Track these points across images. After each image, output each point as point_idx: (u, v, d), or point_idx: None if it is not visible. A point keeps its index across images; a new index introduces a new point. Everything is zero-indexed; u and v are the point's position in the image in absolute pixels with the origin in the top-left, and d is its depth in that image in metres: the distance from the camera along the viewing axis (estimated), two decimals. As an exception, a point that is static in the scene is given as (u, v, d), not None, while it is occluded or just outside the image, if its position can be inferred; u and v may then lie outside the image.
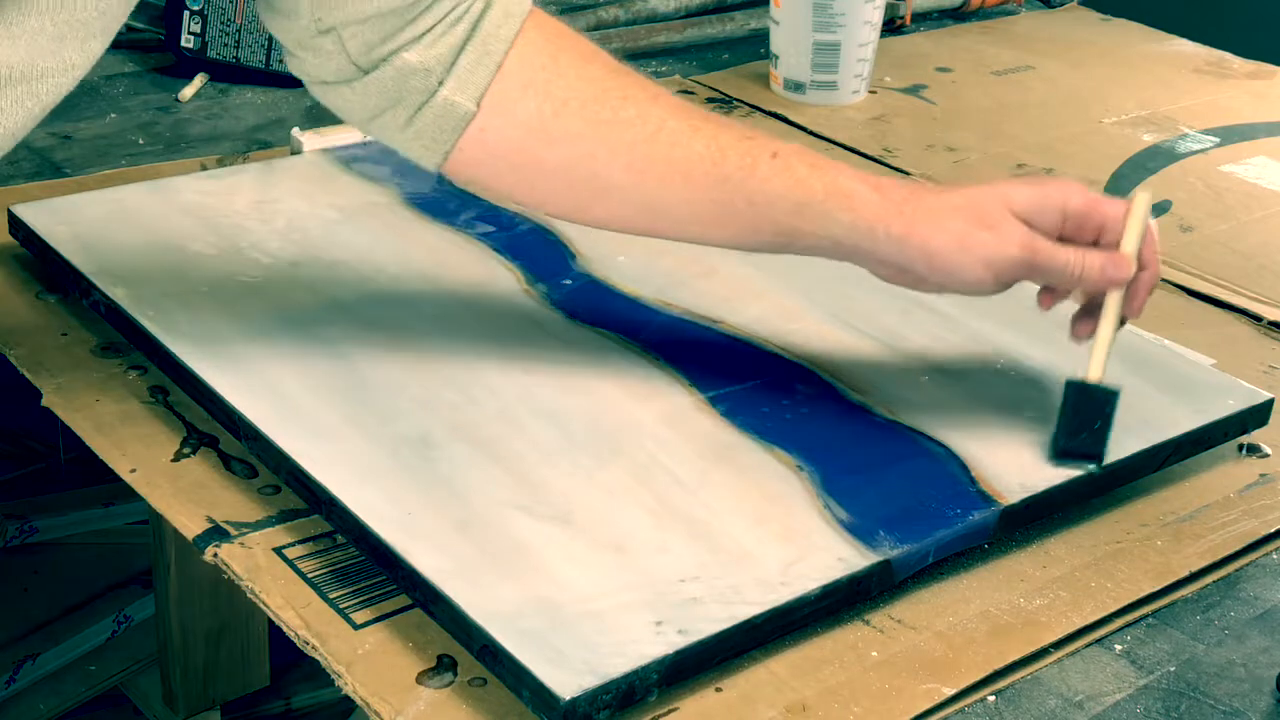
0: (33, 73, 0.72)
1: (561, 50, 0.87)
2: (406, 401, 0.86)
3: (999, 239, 0.83)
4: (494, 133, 0.85)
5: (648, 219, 0.88)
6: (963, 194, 0.85)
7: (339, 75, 0.85)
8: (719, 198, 0.85)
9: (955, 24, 1.77)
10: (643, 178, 0.85)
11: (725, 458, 0.84)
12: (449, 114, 0.85)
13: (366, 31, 0.83)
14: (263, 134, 1.29)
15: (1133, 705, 0.74)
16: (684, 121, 0.86)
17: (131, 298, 0.94)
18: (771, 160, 0.85)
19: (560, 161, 0.86)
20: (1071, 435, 0.85)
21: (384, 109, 0.86)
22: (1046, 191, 0.85)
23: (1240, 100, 1.56)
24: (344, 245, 1.03)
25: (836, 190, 0.84)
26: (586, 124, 0.85)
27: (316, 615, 0.74)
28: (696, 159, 0.85)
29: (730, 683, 0.72)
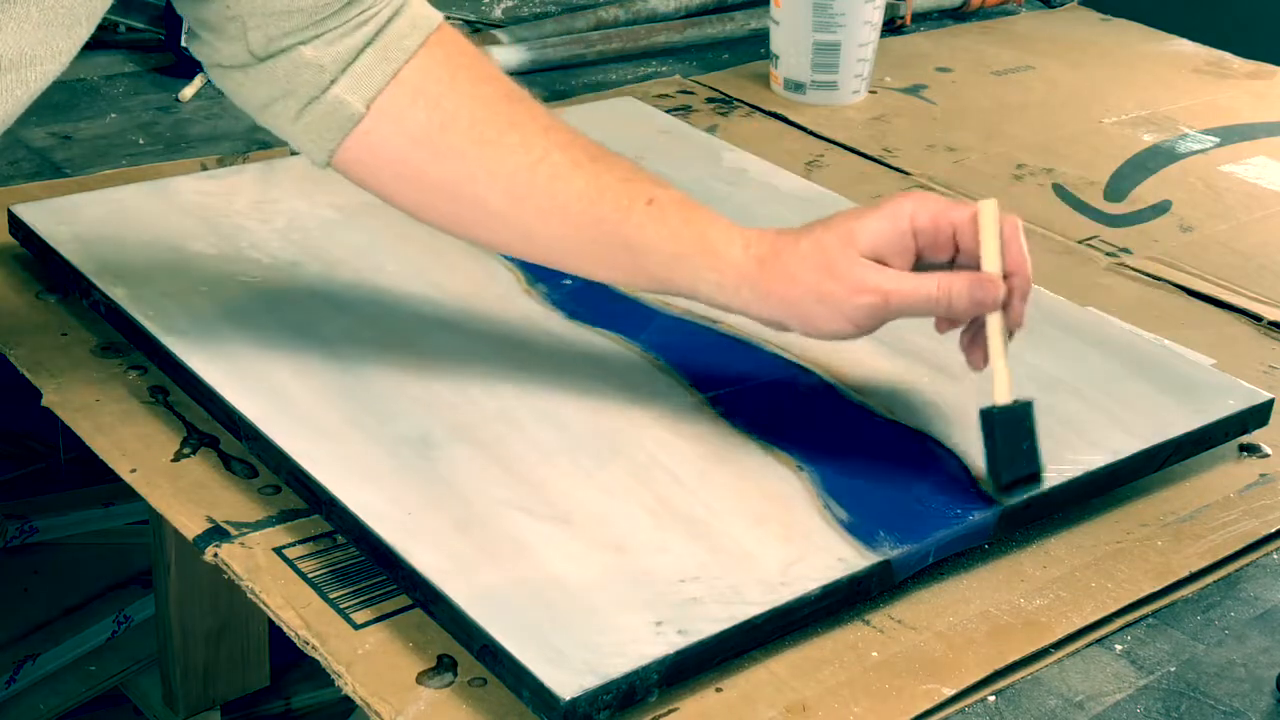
0: (21, 60, 0.72)
1: (460, 68, 0.87)
2: (406, 401, 0.86)
3: (848, 288, 0.80)
4: (380, 138, 0.86)
5: (528, 247, 0.88)
6: (811, 239, 0.82)
7: (234, 60, 0.86)
8: (595, 237, 0.85)
9: (955, 24, 1.77)
10: (521, 207, 0.85)
11: (725, 458, 0.84)
12: (337, 112, 0.85)
13: (271, 25, 0.84)
14: (263, 134, 1.29)
15: (1133, 705, 0.74)
16: (567, 155, 0.85)
17: (131, 298, 0.94)
18: (647, 207, 0.84)
19: (442, 178, 0.86)
20: (1006, 464, 0.82)
21: (275, 99, 0.86)
22: (892, 215, 0.81)
23: (1240, 100, 1.56)
24: (344, 245, 1.03)
25: (704, 248, 0.83)
26: (470, 144, 0.85)
27: (316, 615, 0.74)
28: (575, 195, 0.84)
29: (730, 683, 0.72)
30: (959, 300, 0.80)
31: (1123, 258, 1.19)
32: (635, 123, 1.30)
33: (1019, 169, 1.35)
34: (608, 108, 1.34)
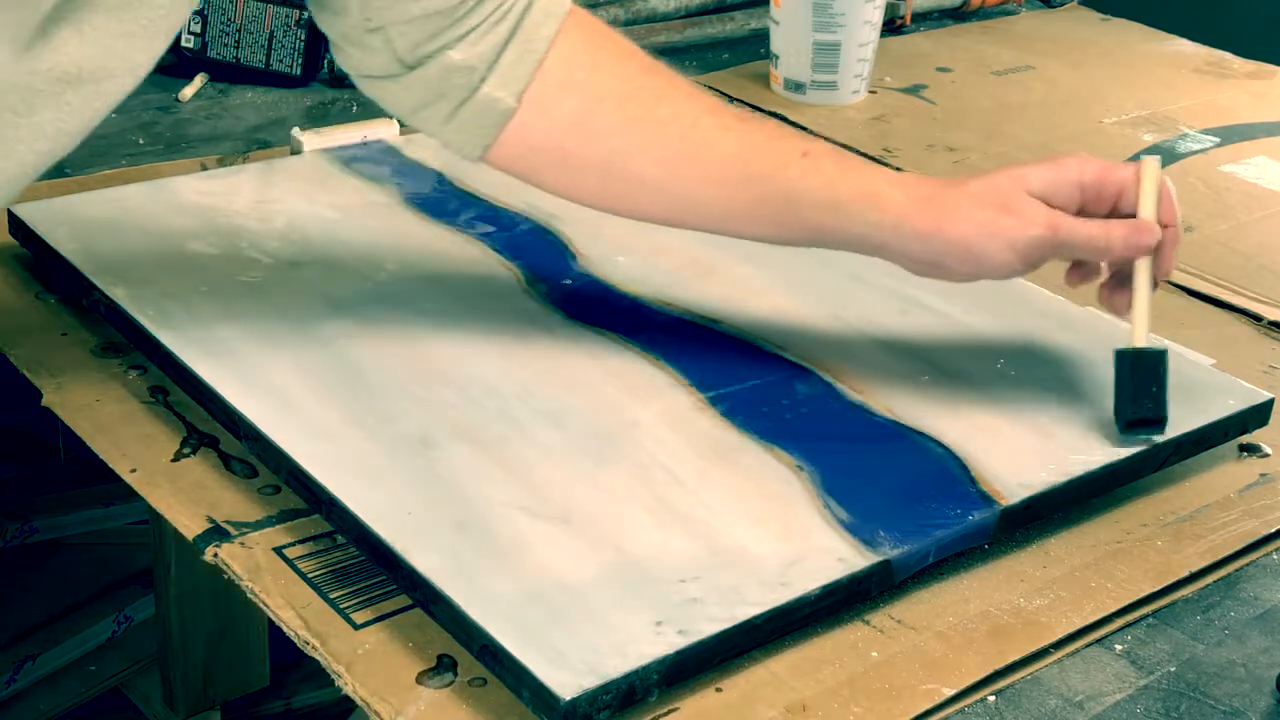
0: (99, 73, 0.73)
1: (600, 49, 0.89)
2: (406, 401, 0.86)
3: (1021, 222, 0.85)
4: (533, 128, 0.88)
5: (681, 213, 0.90)
6: (981, 182, 0.87)
7: (384, 71, 0.87)
8: (750, 195, 0.88)
9: (955, 24, 1.77)
10: (675, 174, 0.88)
11: (725, 458, 0.84)
12: (490, 109, 0.87)
13: (413, 31, 0.85)
14: (263, 134, 1.29)
15: (1133, 705, 0.74)
16: (717, 119, 0.88)
17: (131, 298, 0.94)
18: (802, 160, 0.87)
19: (596, 157, 0.88)
20: (1134, 403, 0.87)
21: (427, 103, 0.88)
22: (1062, 168, 0.87)
23: (1240, 100, 1.56)
24: (344, 245, 1.03)
25: (864, 191, 0.87)
26: (622, 122, 0.88)
27: (316, 615, 0.74)
28: (729, 158, 0.87)
29: (730, 683, 0.72)
30: (1117, 242, 0.87)
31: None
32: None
33: (1019, 169, 1.35)
34: (608, 108, 1.34)
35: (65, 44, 0.70)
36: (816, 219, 0.88)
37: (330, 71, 1.42)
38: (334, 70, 1.42)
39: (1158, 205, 0.88)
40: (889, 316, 1.00)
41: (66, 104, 0.72)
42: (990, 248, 0.86)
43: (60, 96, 0.72)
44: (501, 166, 0.91)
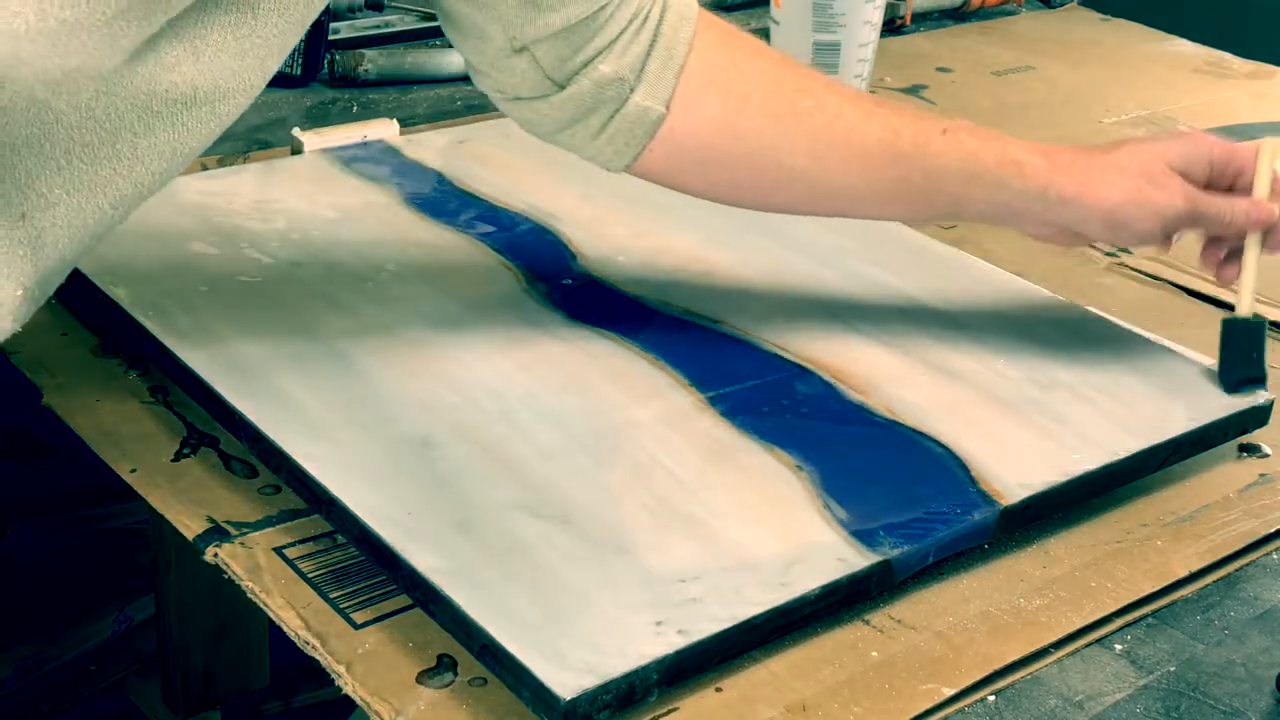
0: (215, 94, 0.72)
1: (735, 48, 0.91)
2: (406, 401, 0.86)
3: (1167, 194, 0.91)
4: (682, 132, 0.89)
5: (828, 201, 0.93)
6: (1125, 152, 0.92)
7: (535, 91, 0.87)
8: (895, 175, 0.91)
9: (955, 24, 1.77)
10: (824, 164, 0.90)
11: (725, 458, 0.84)
12: (642, 119, 0.88)
13: (557, 47, 0.85)
14: (263, 134, 1.29)
15: (1133, 705, 0.74)
16: (857, 107, 0.91)
17: (131, 298, 0.94)
18: (942, 136, 0.91)
19: (745, 154, 0.90)
20: (1240, 366, 0.94)
21: (579, 118, 0.88)
22: (1195, 144, 0.93)
23: (1240, 100, 1.56)
24: (344, 245, 1.03)
25: (1006, 159, 0.91)
26: (768, 118, 0.90)
27: (316, 615, 0.74)
28: (874, 142, 0.90)
29: (730, 683, 0.72)
30: (1239, 217, 0.93)
31: (1123, 258, 1.19)
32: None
33: (1019, 169, 1.35)
34: (608, 108, 1.34)
35: (180, 63, 0.70)
36: (959, 190, 0.91)
37: (330, 71, 1.42)
38: (334, 70, 1.42)
39: (1271, 186, 0.93)
40: (889, 316, 1.00)
41: (183, 125, 0.72)
42: (1137, 216, 0.91)
43: (177, 118, 0.71)
44: (648, 173, 0.92)
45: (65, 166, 0.69)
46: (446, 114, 1.36)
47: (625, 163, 0.90)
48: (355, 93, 1.40)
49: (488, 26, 0.85)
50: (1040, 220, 0.93)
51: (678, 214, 1.12)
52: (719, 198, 0.95)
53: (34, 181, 0.68)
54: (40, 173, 0.68)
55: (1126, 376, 0.95)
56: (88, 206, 0.70)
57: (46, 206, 0.69)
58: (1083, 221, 0.92)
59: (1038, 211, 0.92)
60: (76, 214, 0.70)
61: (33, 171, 0.68)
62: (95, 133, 0.69)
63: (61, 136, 0.68)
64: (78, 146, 0.69)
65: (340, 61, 1.41)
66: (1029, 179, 0.91)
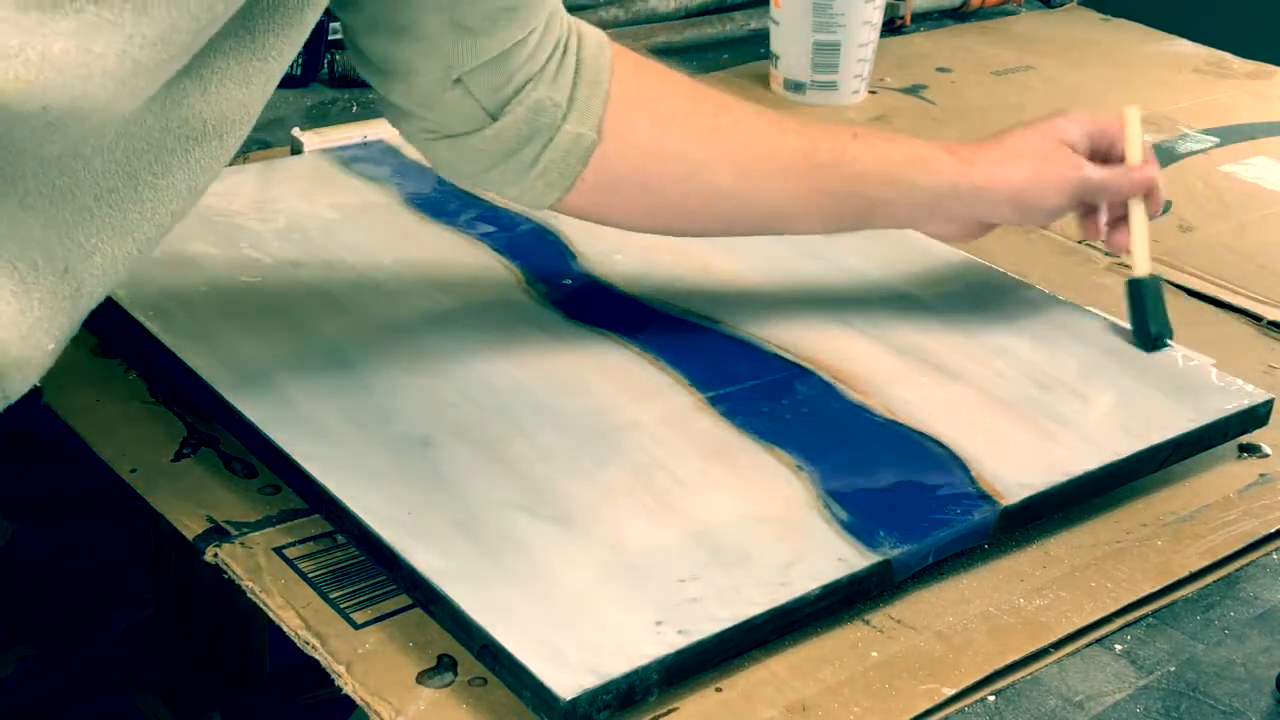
0: (223, 125, 0.71)
1: (650, 72, 0.92)
2: (406, 401, 0.86)
3: (1066, 168, 0.96)
4: (614, 157, 0.88)
5: (755, 218, 0.94)
6: (1019, 136, 0.96)
7: (470, 124, 0.86)
8: (816, 185, 0.93)
9: (955, 24, 1.77)
10: (749, 179, 0.92)
11: (725, 458, 0.84)
12: (575, 146, 0.87)
13: (491, 74, 0.84)
14: (263, 134, 1.29)
15: (1133, 705, 0.74)
16: (772, 122, 0.93)
17: (131, 298, 0.94)
18: (855, 142, 0.93)
19: (675, 176, 0.91)
20: (1150, 323, 0.99)
21: (511, 152, 0.87)
22: (1077, 120, 0.98)
23: (1240, 100, 1.56)
24: (344, 245, 1.03)
25: (915, 158, 0.94)
26: (693, 137, 0.91)
27: (316, 615, 0.74)
28: (793, 152, 0.92)
29: (730, 683, 0.72)
30: (1125, 182, 0.98)
31: (1123, 258, 1.19)
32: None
33: (1019, 169, 1.35)
34: (608, 108, 1.34)
35: (188, 95, 0.69)
36: (876, 194, 0.93)
37: (330, 72, 1.42)
38: (334, 70, 1.42)
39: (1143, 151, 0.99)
40: (889, 316, 1.00)
41: (196, 161, 0.71)
42: (1042, 193, 0.95)
43: (190, 154, 0.70)
44: (578, 206, 0.90)
45: (97, 214, 0.67)
46: (446, 114, 1.36)
47: (557, 195, 0.89)
48: (355, 93, 1.40)
49: (419, 62, 0.83)
50: (950, 215, 0.96)
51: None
52: (650, 226, 0.94)
53: (73, 232, 0.67)
54: (77, 223, 0.67)
55: (1126, 377, 0.95)
56: (119, 252, 0.69)
57: (85, 256, 0.68)
58: (992, 207, 0.96)
59: (949, 205, 0.95)
60: (110, 261, 0.69)
61: (70, 222, 0.66)
62: (119, 176, 0.68)
63: (90, 184, 0.67)
64: (105, 192, 0.67)
65: (340, 61, 1.41)
66: (939, 174, 0.94)
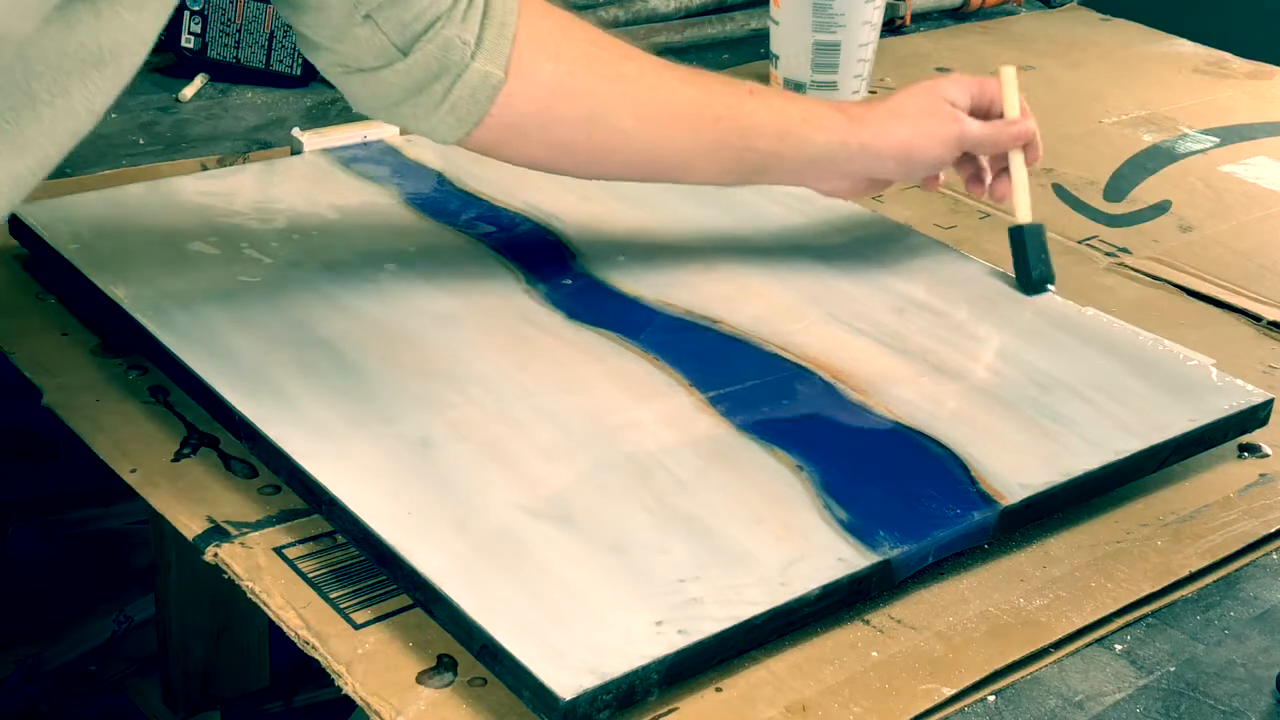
0: (120, 50, 0.74)
1: (556, 18, 0.95)
2: (406, 401, 0.86)
3: (948, 124, 1.03)
4: (520, 97, 0.92)
5: (656, 165, 0.99)
6: (905, 95, 1.03)
7: (380, 59, 0.89)
8: (713, 136, 0.98)
9: (955, 24, 1.77)
10: (650, 126, 0.96)
11: (725, 458, 0.84)
12: (483, 84, 0.91)
13: (399, 10, 0.87)
14: (263, 134, 1.29)
15: (1133, 705, 0.74)
16: (673, 73, 0.98)
17: (131, 298, 0.94)
18: (750, 97, 0.99)
19: (579, 118, 0.94)
20: (1033, 268, 1.05)
21: (422, 88, 0.90)
22: (959, 81, 1.05)
23: (1240, 100, 1.56)
24: (344, 245, 1.03)
25: (809, 115, 1.00)
26: (597, 81, 0.95)
27: (316, 615, 0.74)
28: (692, 102, 0.97)
29: (730, 683, 0.72)
30: (1004, 134, 1.05)
31: (1122, 258, 1.19)
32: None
33: (1019, 169, 1.35)
34: (608, 108, 1.34)
35: (82, 20, 0.71)
36: (770, 148, 0.99)
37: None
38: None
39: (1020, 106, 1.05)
40: (889, 316, 1.00)
41: (94, 84, 0.73)
42: (925, 148, 1.02)
43: (87, 77, 0.73)
44: (486, 143, 0.94)
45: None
46: (446, 114, 1.36)
47: (465, 131, 0.92)
48: (355, 93, 1.40)
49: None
50: (841, 172, 1.02)
51: (678, 214, 1.12)
52: (554, 166, 0.98)
53: None
54: None
55: (1126, 376, 0.95)
56: (17, 168, 0.72)
57: None
58: (879, 163, 1.02)
59: (840, 162, 1.01)
60: (7, 179, 0.72)
61: None
62: (18, 96, 0.70)
63: None
64: (5, 109, 0.70)
65: (340, 61, 1.41)
66: (830, 132, 0.99)
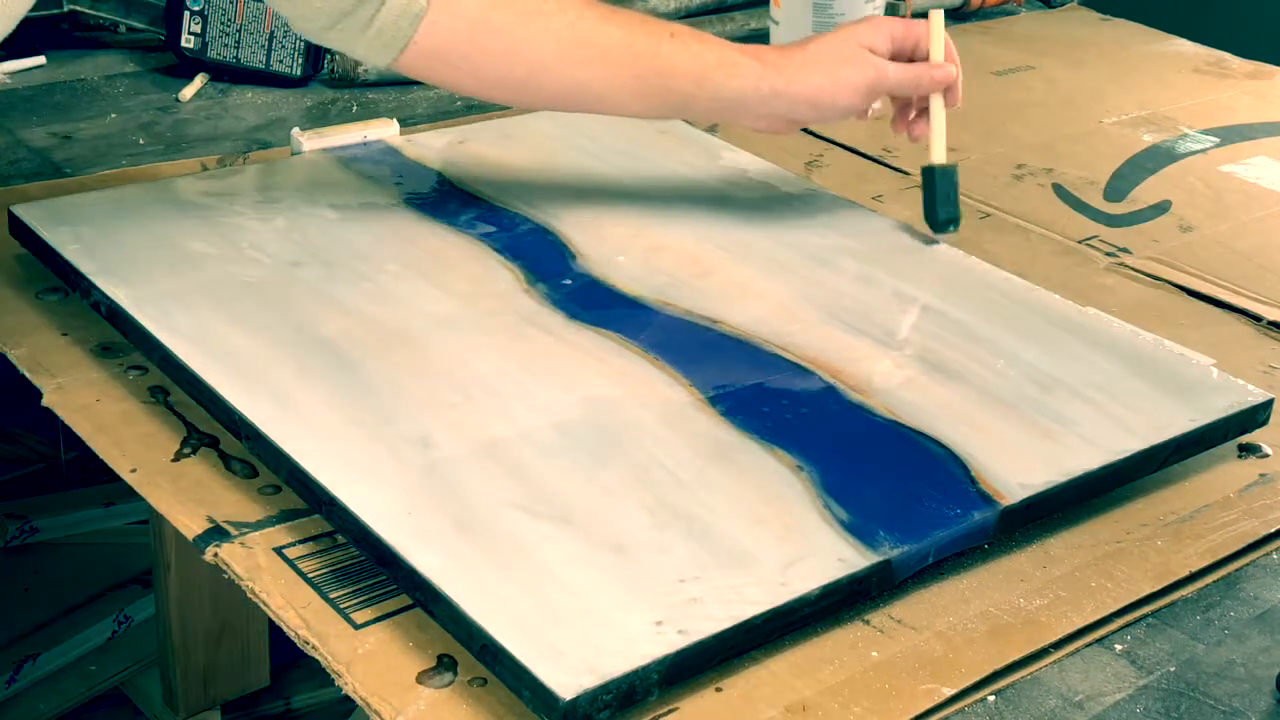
0: None
1: None
2: (406, 401, 0.86)
3: (861, 69, 1.06)
4: (443, 26, 0.99)
5: (576, 97, 1.05)
6: (819, 42, 1.07)
7: None
8: (633, 73, 1.03)
9: (955, 24, 1.77)
10: (569, 60, 1.02)
11: (725, 457, 0.84)
12: (407, 11, 0.98)
13: None
14: (263, 134, 1.29)
15: (1133, 705, 0.74)
16: (595, 11, 1.03)
17: (131, 298, 0.94)
18: (671, 39, 1.04)
19: (500, 47, 1.01)
20: (942, 208, 1.10)
21: (348, 12, 0.98)
22: (877, 24, 1.08)
23: (1240, 100, 1.56)
24: (344, 245, 1.03)
25: (725, 60, 1.05)
26: (518, 15, 1.01)
27: (316, 615, 0.74)
28: (613, 41, 1.02)
29: (730, 683, 0.72)
30: (924, 78, 1.08)
31: (1123, 258, 1.19)
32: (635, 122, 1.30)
33: (1019, 169, 1.35)
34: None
35: None
36: (688, 89, 1.04)
37: (330, 71, 1.42)
38: (334, 70, 1.42)
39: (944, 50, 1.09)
40: (889, 316, 1.00)
41: None
42: (837, 93, 1.06)
43: None
44: (414, 67, 1.01)
45: None
46: (446, 114, 1.36)
47: (392, 57, 0.99)
48: (355, 93, 1.40)
49: None
50: (757, 113, 1.06)
51: (677, 213, 1.12)
52: (484, 95, 1.06)
53: None
54: None
55: (1126, 376, 0.95)
56: None
57: None
58: (792, 108, 1.06)
59: (754, 105, 1.05)
60: None
61: None
62: None
63: None
64: None
65: (340, 62, 1.41)
66: (744, 77, 1.04)
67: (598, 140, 1.24)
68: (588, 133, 1.25)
